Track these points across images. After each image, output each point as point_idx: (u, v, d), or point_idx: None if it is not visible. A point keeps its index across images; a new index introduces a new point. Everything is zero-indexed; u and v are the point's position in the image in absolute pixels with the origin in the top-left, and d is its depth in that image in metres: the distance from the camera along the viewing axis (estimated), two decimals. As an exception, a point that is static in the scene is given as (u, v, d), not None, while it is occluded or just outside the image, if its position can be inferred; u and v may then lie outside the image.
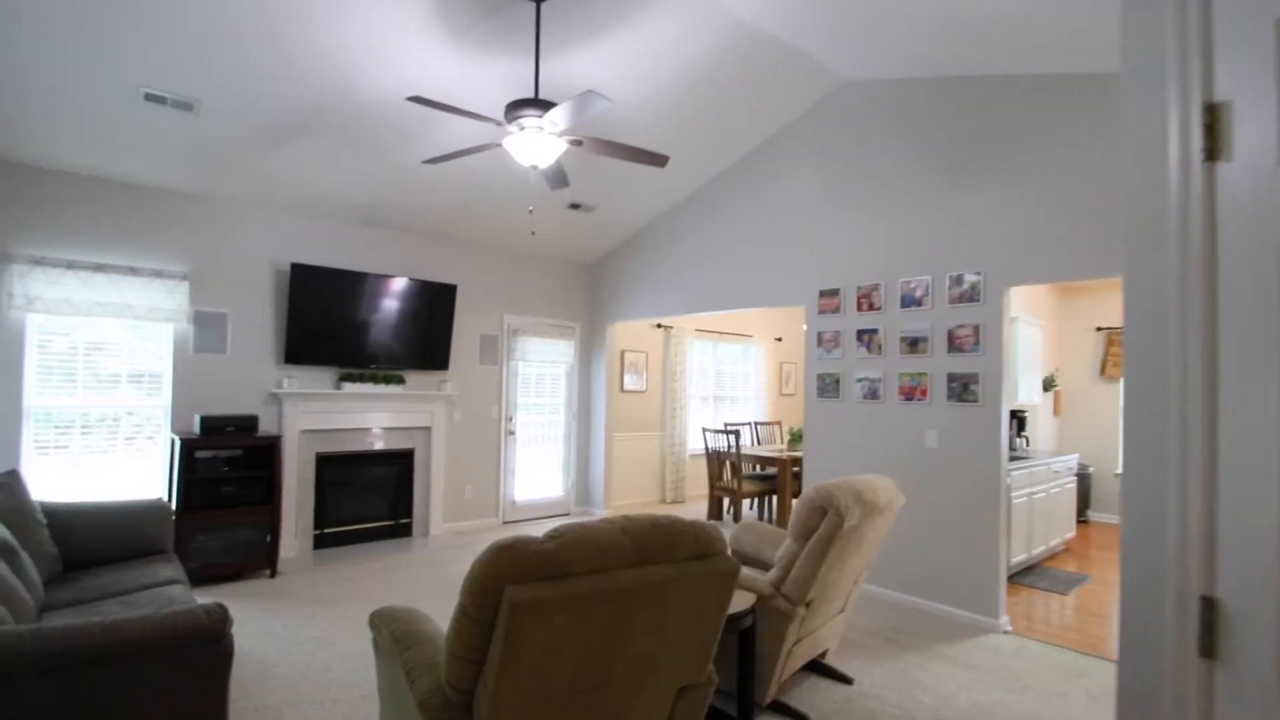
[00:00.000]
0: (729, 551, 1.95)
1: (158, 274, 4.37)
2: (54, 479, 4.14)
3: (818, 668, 3.26)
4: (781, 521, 6.16)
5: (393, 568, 4.75)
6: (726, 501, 7.02)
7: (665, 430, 7.67)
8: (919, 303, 4.16)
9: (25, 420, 4.02)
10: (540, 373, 6.61)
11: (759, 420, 8.15)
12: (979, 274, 3.90)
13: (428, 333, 5.54)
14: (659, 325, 7.63)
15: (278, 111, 3.91)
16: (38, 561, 2.88)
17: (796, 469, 6.24)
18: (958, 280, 3.99)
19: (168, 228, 4.47)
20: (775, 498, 6.49)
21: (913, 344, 4.19)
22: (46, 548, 2.98)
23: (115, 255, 4.27)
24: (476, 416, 6.04)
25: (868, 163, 4.50)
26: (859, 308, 4.49)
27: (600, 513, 6.70)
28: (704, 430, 6.35)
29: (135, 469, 4.39)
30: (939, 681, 3.19)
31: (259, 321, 4.83)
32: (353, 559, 4.89)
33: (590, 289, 6.97)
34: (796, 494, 6.27)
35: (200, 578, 4.21)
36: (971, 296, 3.93)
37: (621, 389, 7.26)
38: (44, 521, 3.05)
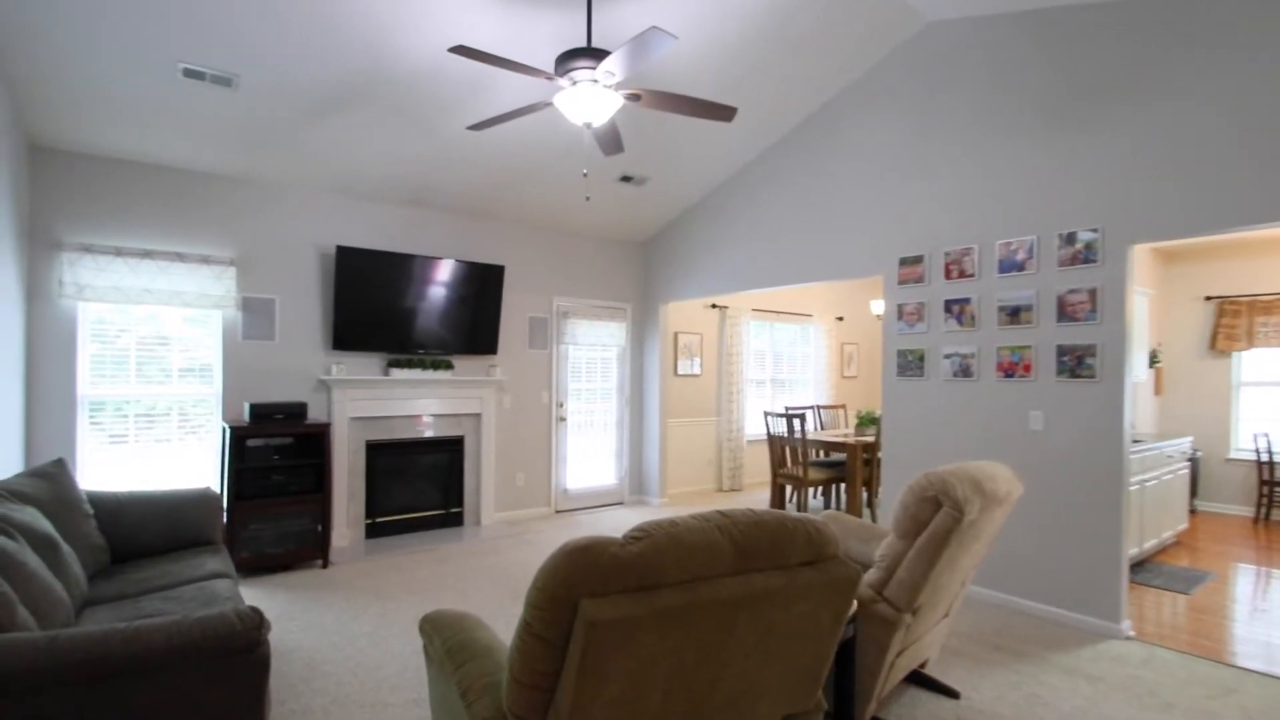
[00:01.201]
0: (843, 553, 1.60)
1: (205, 260, 4.25)
2: (109, 468, 4.08)
3: (918, 679, 2.89)
4: (851, 511, 5.74)
5: (445, 558, 4.56)
6: (790, 489, 6.63)
7: (721, 415, 7.31)
8: (1020, 267, 3.69)
9: (80, 409, 3.96)
10: (591, 356, 6.33)
11: (822, 404, 7.70)
12: (1096, 230, 3.41)
13: (476, 316, 5.32)
14: (714, 305, 7.25)
15: (317, 84, 3.70)
16: (83, 554, 2.75)
17: (866, 455, 5.80)
18: (1069, 239, 3.50)
19: (213, 212, 4.35)
20: (843, 486, 6.07)
21: (1013, 313, 3.72)
22: (93, 539, 2.85)
23: (162, 241, 4.16)
24: (526, 402, 5.81)
25: (955, 113, 4.02)
26: (947, 275, 4.03)
27: (655, 502, 6.41)
28: (765, 415, 5.98)
29: (189, 458, 4.31)
30: (1060, 696, 2.78)
31: (307, 307, 4.69)
32: (405, 548, 4.73)
33: (642, 268, 6.65)
34: (867, 482, 5.83)
35: (252, 568, 4.10)
36: (1086, 257, 3.44)
37: (675, 372, 6.93)
38: (91, 512, 2.93)
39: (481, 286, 5.32)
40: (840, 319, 8.53)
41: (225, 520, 3.93)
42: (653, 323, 6.51)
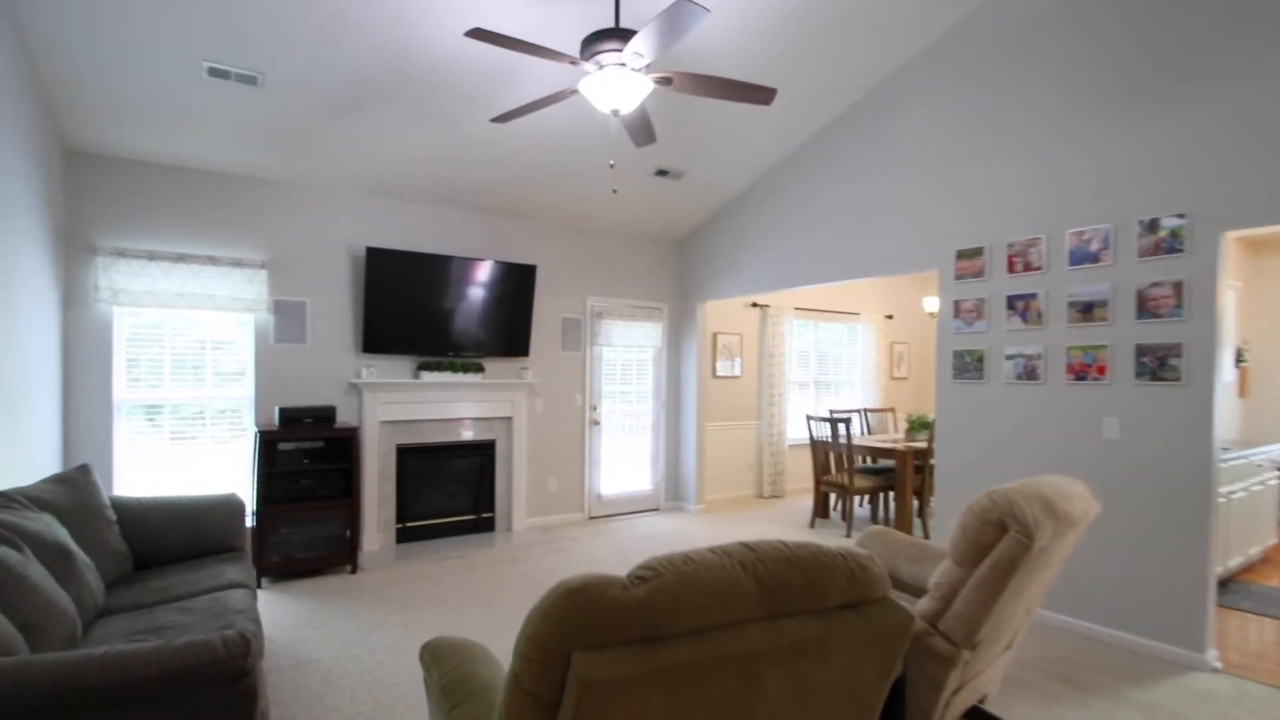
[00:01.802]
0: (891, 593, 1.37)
1: (236, 263, 4.25)
2: (145, 472, 4.11)
3: (977, 716, 2.60)
4: (900, 524, 5.40)
5: (475, 565, 4.45)
6: (834, 498, 6.31)
7: (762, 418, 7.03)
8: (1094, 258, 3.33)
9: (117, 413, 3.99)
10: (626, 358, 6.15)
11: (869, 407, 7.34)
12: (1182, 217, 3.04)
13: (507, 317, 5.20)
14: (754, 304, 6.98)
15: (341, 79, 3.62)
16: (102, 561, 2.71)
17: (918, 462, 5.45)
18: (1150, 226, 3.14)
19: (245, 215, 4.34)
20: (892, 495, 5.73)
21: (1085, 310, 3.36)
22: (114, 546, 2.82)
23: (195, 245, 4.17)
24: (559, 405, 5.68)
25: (1022, 91, 3.68)
26: (1010, 268, 3.70)
27: (691, 509, 6.19)
28: (808, 418, 5.69)
29: (225, 461, 4.31)
30: (1144, 744, 2.45)
31: (338, 309, 4.65)
32: (435, 554, 4.64)
33: (679, 266, 6.43)
34: (918, 491, 5.48)
35: (282, 572, 4.07)
36: (1171, 246, 3.07)
37: (714, 374, 6.70)
38: (114, 519, 2.90)
39: (513, 287, 5.20)
40: (889, 317, 8.13)
41: (255, 524, 3.91)
42: (690, 323, 6.29)
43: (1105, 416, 3.30)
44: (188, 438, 4.23)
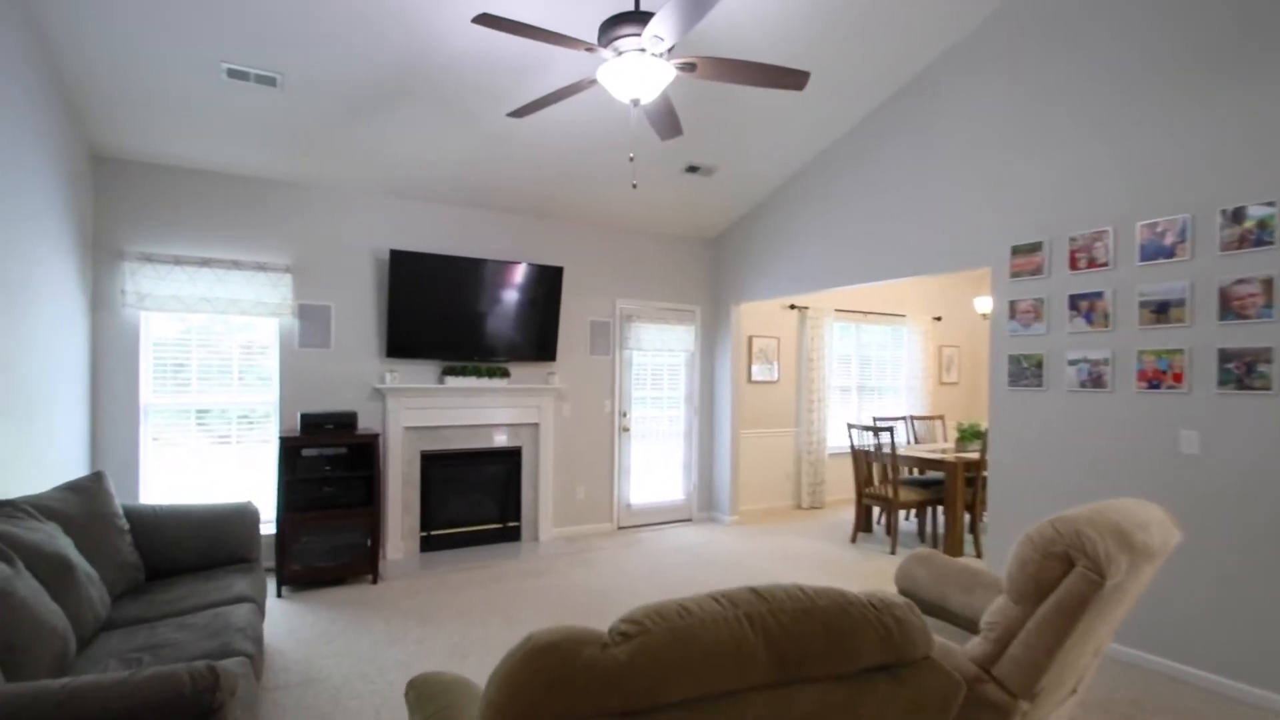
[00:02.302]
0: (933, 649, 1.14)
1: (261, 267, 4.23)
2: (171, 476, 4.11)
3: (1038, 769, 2.30)
4: (950, 541, 5.05)
5: (498, 577, 4.32)
6: (877, 511, 5.98)
7: (800, 426, 6.74)
8: (1169, 252, 2.99)
9: (143, 418, 4.01)
10: (657, 362, 5.96)
11: (915, 414, 6.96)
12: (1273, 205, 2.68)
13: (533, 320, 5.08)
14: (792, 306, 6.70)
15: (359, 78, 3.55)
16: (111, 572, 2.66)
17: (970, 474, 5.09)
18: (1235, 216, 2.78)
19: (269, 219, 4.32)
20: (940, 509, 5.38)
21: (1159, 310, 3.02)
22: (124, 557, 2.77)
23: (219, 249, 4.16)
24: (587, 411, 5.52)
25: (1083, 69, 3.35)
26: (1073, 265, 3.37)
27: (725, 520, 5.95)
28: (849, 426, 5.38)
29: (249, 467, 4.29)
30: (1238, 809, 2.13)
31: (362, 313, 4.59)
32: (459, 564, 4.53)
33: (712, 267, 6.21)
34: (970, 506, 5.12)
35: (303, 581, 4.01)
36: (1259, 238, 2.71)
37: (749, 379, 6.44)
38: (126, 528, 2.85)
39: (539, 289, 5.08)
40: (938, 319, 7.72)
41: (276, 532, 3.86)
42: (724, 326, 6.06)
43: (1183, 429, 2.95)
44: (214, 443, 4.23)
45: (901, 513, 6.16)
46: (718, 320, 6.14)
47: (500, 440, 5.07)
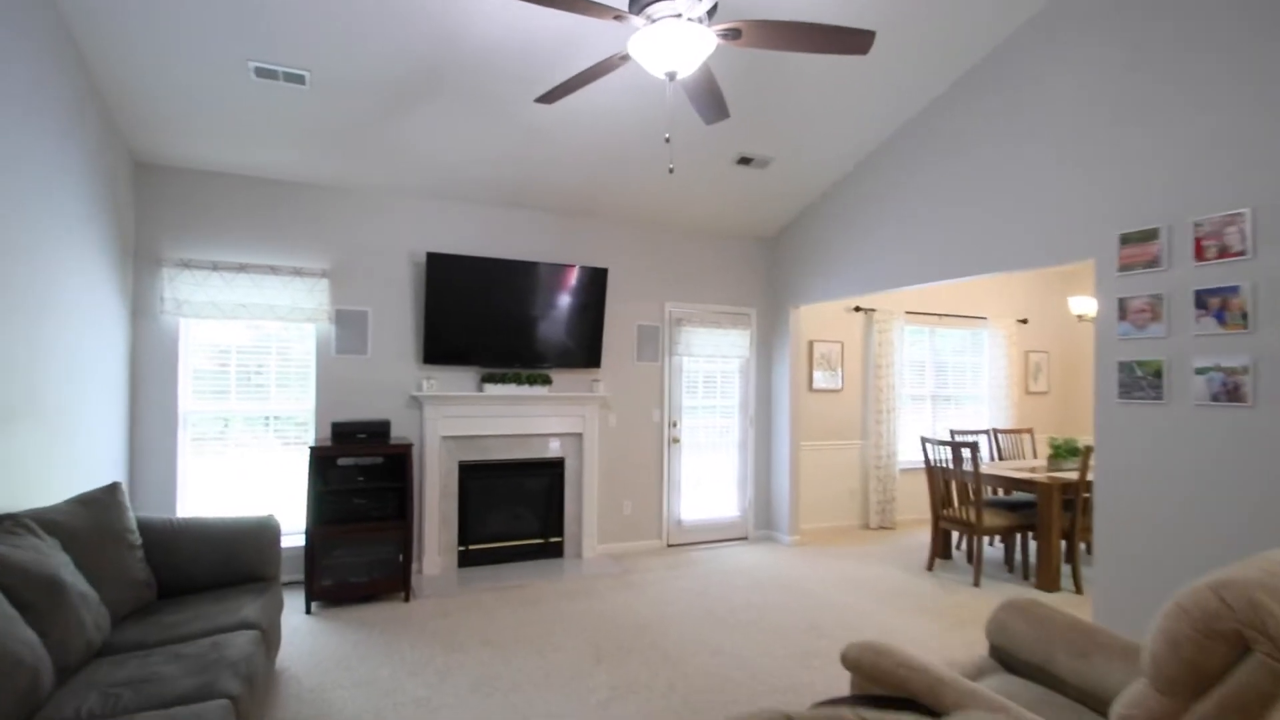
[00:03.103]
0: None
1: (297, 272, 4.13)
2: (207, 487, 4.05)
3: None
4: (1044, 574, 4.43)
5: (535, 598, 4.05)
6: (957, 536, 5.39)
7: (868, 438, 6.20)
8: (1340, 233, 2.40)
9: (182, 425, 3.96)
10: (709, 369, 5.58)
11: (999, 427, 6.29)
12: None
13: (576, 325, 4.81)
14: (858, 308, 6.19)
15: (388, 73, 3.39)
16: (118, 591, 2.52)
17: (1067, 497, 4.47)
18: None
19: (305, 223, 4.23)
20: (1031, 536, 4.76)
21: (1327, 306, 2.43)
22: (133, 574, 2.64)
23: (256, 254, 4.09)
24: (634, 421, 5.20)
25: (1205, 22, 2.79)
26: (1199, 255, 2.80)
27: (785, 540, 5.49)
28: (923, 441, 4.84)
29: (286, 476, 4.19)
30: None
31: (399, 319, 4.45)
32: (496, 582, 4.29)
33: (769, 267, 5.79)
34: (1067, 534, 4.48)
35: (334, 597, 3.85)
36: None
37: (810, 387, 5.97)
38: (138, 543, 2.73)
39: (582, 292, 4.81)
40: (1023, 321, 7.00)
41: (306, 545, 3.72)
42: (782, 330, 5.62)
43: (1362, 454, 2.36)
44: (251, 452, 4.15)
45: (984, 538, 5.53)
46: (775, 324, 5.71)
47: (542, 451, 4.81)
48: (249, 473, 4.14)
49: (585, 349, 4.85)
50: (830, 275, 5.09)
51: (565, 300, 4.75)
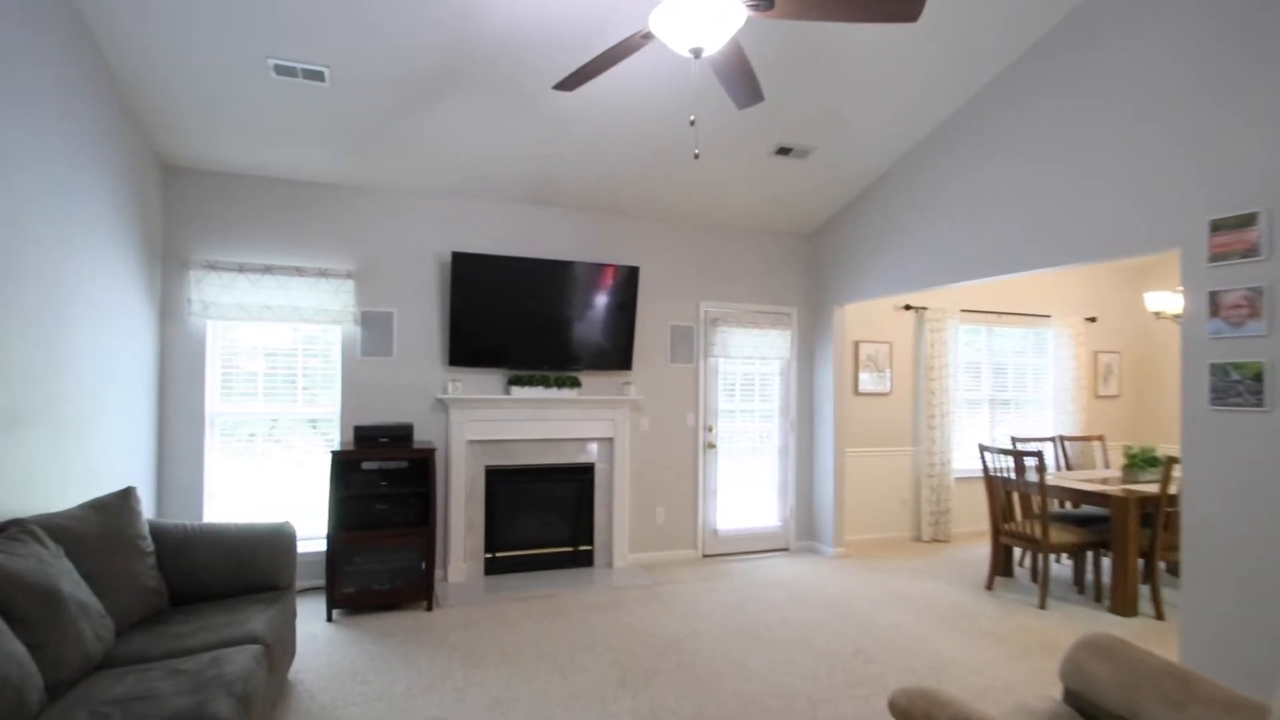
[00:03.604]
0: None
1: (323, 273, 4.08)
2: (233, 490, 4.03)
3: None
4: (1120, 597, 4.02)
5: (561, 609, 3.88)
6: (1019, 553, 4.98)
7: (920, 444, 5.82)
8: None
9: (209, 428, 3.95)
10: (747, 371, 5.32)
11: (1066, 434, 5.82)
12: None
13: (606, 326, 4.63)
14: (907, 306, 5.82)
15: (407, 66, 3.28)
16: (125, 599, 2.46)
17: (1147, 510, 4.04)
18: None
19: (329, 224, 4.18)
20: (1101, 553, 4.32)
21: None
22: (143, 581, 2.57)
23: (281, 256, 4.06)
24: (668, 425, 4.98)
25: (1325, -36, 2.41)
26: (1317, 236, 2.42)
27: (829, 552, 5.18)
28: (981, 449, 4.47)
29: (312, 480, 4.14)
30: None
31: (425, 320, 4.35)
32: (522, 592, 4.14)
33: (810, 264, 5.49)
34: (1146, 553, 4.05)
35: (357, 605, 3.77)
36: None
37: (856, 390, 5.63)
38: (149, 550, 2.67)
39: (612, 292, 4.62)
40: (1092, 319, 6.48)
41: (327, 550, 3.64)
42: (825, 329, 5.32)
43: None
44: (279, 453, 4.12)
45: (1051, 555, 5.10)
46: (817, 324, 5.41)
47: (570, 455, 4.65)
48: (275, 476, 4.11)
49: (616, 350, 4.66)
50: (877, 272, 4.77)
51: (595, 300, 4.58)
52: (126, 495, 2.70)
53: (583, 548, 4.68)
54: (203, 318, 3.86)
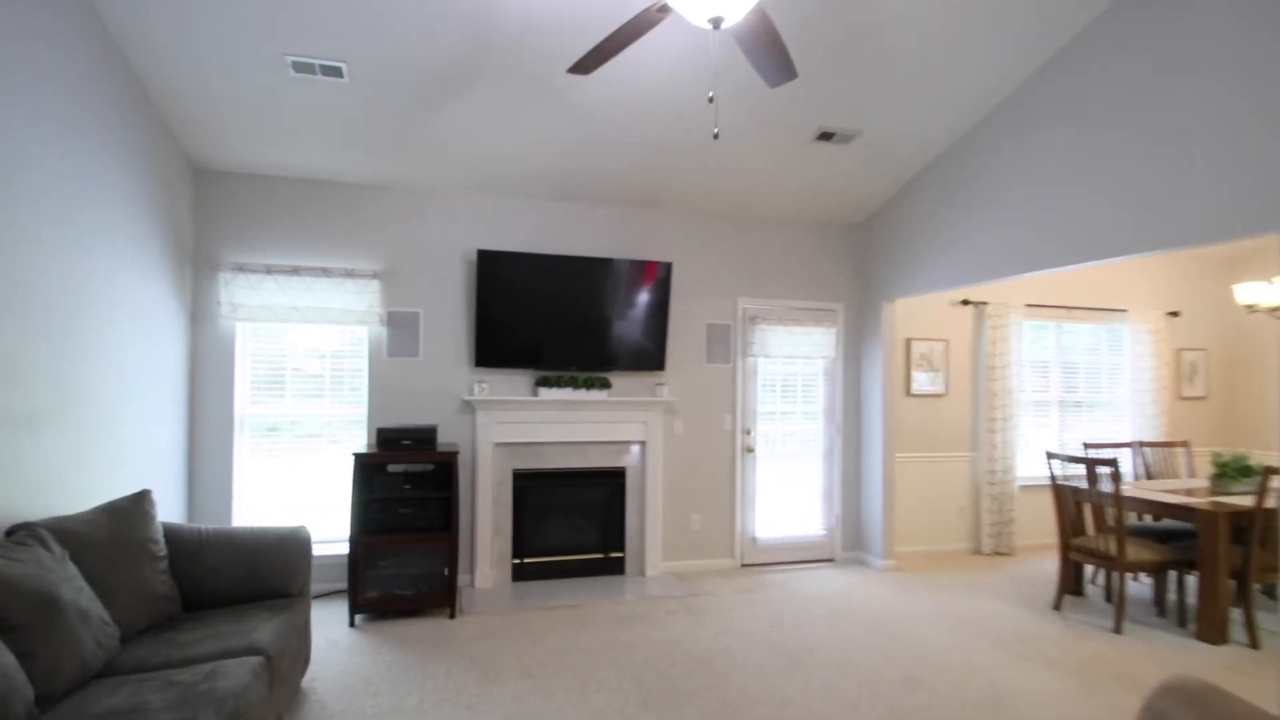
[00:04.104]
0: None
1: (349, 274, 4.04)
2: (262, 492, 4.03)
3: None
4: (1208, 623, 3.57)
5: (587, 620, 3.71)
6: (1091, 570, 4.54)
7: (979, 450, 5.41)
8: None
9: (239, 429, 3.96)
10: (789, 371, 5.04)
11: (1145, 440, 5.31)
12: None
13: (637, 325, 4.44)
14: (965, 301, 5.42)
15: (426, 60, 3.20)
16: (134, 606, 2.41)
17: (1239, 526, 3.58)
18: None
19: (355, 223, 4.14)
20: (1185, 573, 3.87)
21: None
22: (154, 587, 2.53)
23: (308, 256, 4.04)
24: (703, 428, 4.75)
25: None
26: None
27: (878, 564, 4.85)
28: (1048, 456, 4.07)
29: (339, 482, 4.11)
30: None
31: (452, 320, 4.27)
32: (549, 599, 4.00)
33: (857, 257, 5.16)
34: (1238, 573, 3.59)
35: (380, 610, 3.71)
36: None
37: (908, 391, 5.27)
38: (162, 554, 2.63)
39: (644, 289, 4.43)
40: (1174, 314, 5.91)
41: (350, 555, 3.58)
42: (873, 327, 4.98)
43: None
44: (308, 454, 4.10)
45: (1128, 574, 4.63)
46: (865, 320, 5.08)
47: (601, 459, 4.48)
48: (303, 478, 4.09)
49: (648, 350, 4.47)
50: (931, 264, 4.42)
51: (626, 298, 4.40)
52: (140, 499, 2.67)
53: (614, 555, 4.51)
54: (232, 319, 3.87)
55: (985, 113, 3.88)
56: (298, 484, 4.08)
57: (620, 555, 4.52)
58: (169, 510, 3.61)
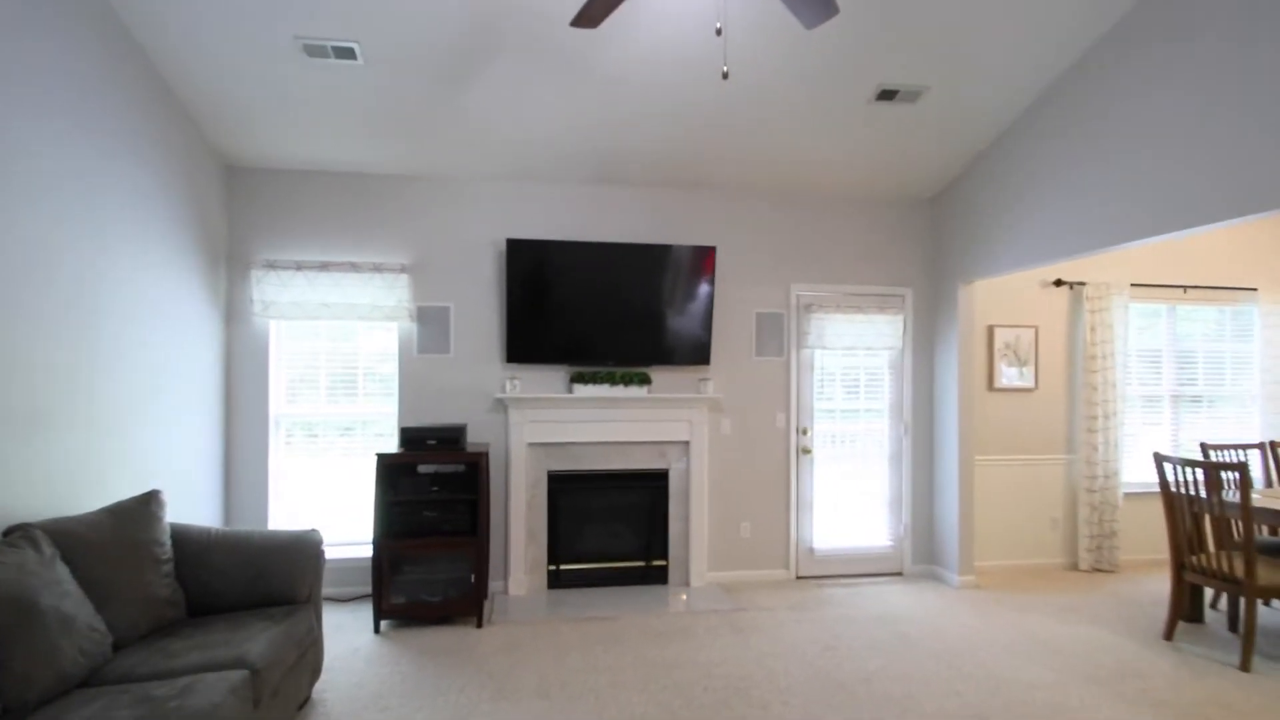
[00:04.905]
0: None
1: (377, 268, 3.93)
2: (296, 491, 3.99)
3: None
4: (1379, 664, 2.89)
5: (619, 635, 3.44)
6: (1211, 593, 3.86)
7: (1077, 452, 4.75)
8: None
9: (274, 429, 3.93)
10: (849, 364, 4.57)
11: (1277, 440, 4.50)
12: None
13: (679, 315, 4.12)
14: (1059, 281, 4.76)
15: (441, 35, 3.04)
16: (132, 611, 2.33)
17: None
18: None
19: (382, 216, 4.02)
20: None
21: None
22: (154, 591, 2.45)
23: (337, 252, 3.96)
24: (753, 427, 4.37)
25: None
26: None
27: (954, 580, 4.31)
28: (1158, 459, 3.44)
29: (369, 483, 4.01)
30: None
31: (483, 314, 4.09)
32: (583, 609, 3.76)
33: (927, 235, 4.62)
34: None
35: (407, 617, 3.58)
36: None
37: (990, 385, 4.69)
38: (166, 558, 2.55)
39: (685, 277, 4.11)
40: (1320, 292, 5.01)
41: (374, 558, 3.45)
42: (948, 313, 4.44)
43: None
44: (342, 453, 4.03)
45: (1258, 600, 3.90)
46: (938, 306, 4.54)
47: (640, 460, 4.19)
48: (339, 479, 4.02)
49: (691, 343, 4.14)
50: (1016, 238, 3.86)
51: (666, 286, 4.09)
52: (148, 499, 2.61)
53: (656, 564, 4.21)
54: (264, 317, 3.84)
55: (1079, 53, 3.31)
56: (333, 485, 4.02)
57: (663, 564, 4.22)
58: (208, 513, 3.61)
